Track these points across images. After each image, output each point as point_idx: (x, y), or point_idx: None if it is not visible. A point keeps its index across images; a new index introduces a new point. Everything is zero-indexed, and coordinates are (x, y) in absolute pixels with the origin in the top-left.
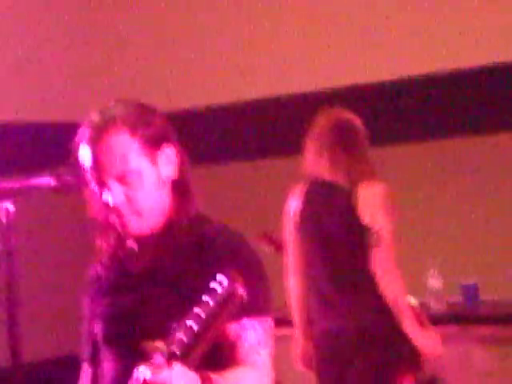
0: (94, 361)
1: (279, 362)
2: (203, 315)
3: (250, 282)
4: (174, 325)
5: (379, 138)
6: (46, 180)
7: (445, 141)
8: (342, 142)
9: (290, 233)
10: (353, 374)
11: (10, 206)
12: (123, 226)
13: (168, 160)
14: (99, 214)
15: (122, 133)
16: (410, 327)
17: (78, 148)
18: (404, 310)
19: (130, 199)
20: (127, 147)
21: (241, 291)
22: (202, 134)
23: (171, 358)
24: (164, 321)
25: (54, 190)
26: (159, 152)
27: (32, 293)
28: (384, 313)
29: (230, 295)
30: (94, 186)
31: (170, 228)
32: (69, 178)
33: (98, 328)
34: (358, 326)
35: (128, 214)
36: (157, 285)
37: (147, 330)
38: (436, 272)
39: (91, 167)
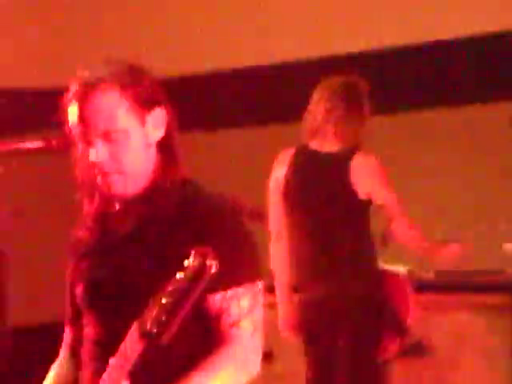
0: (76, 324)
1: (267, 329)
2: (176, 292)
3: (232, 250)
4: (149, 301)
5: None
6: (34, 142)
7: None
8: (341, 99)
9: (275, 198)
10: (338, 340)
11: None
12: (107, 185)
13: (156, 122)
14: (84, 174)
15: (111, 90)
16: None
17: (66, 106)
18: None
19: (114, 157)
20: (115, 105)
21: (212, 267)
22: (193, 101)
23: (146, 336)
24: (143, 285)
25: (42, 151)
26: (148, 113)
27: (19, 256)
28: (371, 282)
29: (200, 271)
30: (80, 144)
31: (153, 190)
32: (56, 139)
33: (79, 290)
34: (345, 294)
35: (112, 172)
36: (137, 248)
37: (126, 293)
38: None
39: (78, 124)
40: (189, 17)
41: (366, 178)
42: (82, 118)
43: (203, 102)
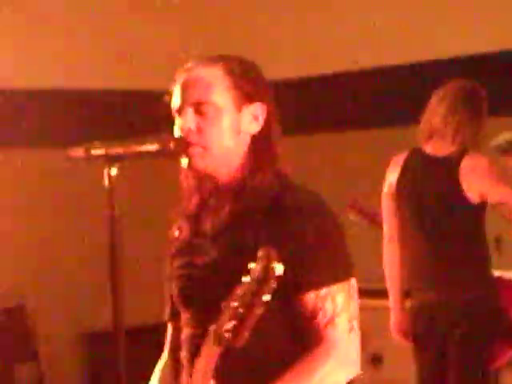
0: (176, 320)
1: (378, 334)
2: (244, 296)
3: (320, 248)
4: (222, 305)
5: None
6: (151, 145)
7: None
8: (462, 102)
9: (387, 202)
10: (450, 347)
11: (113, 170)
12: (189, 156)
13: (254, 115)
14: (186, 175)
15: (216, 68)
16: None
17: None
18: None
19: (200, 130)
20: (216, 79)
21: (275, 269)
22: (297, 105)
23: (221, 341)
24: (232, 285)
25: (158, 155)
26: (247, 103)
27: (135, 258)
28: (485, 288)
29: (264, 274)
30: (176, 117)
31: (243, 186)
32: (172, 143)
33: (174, 290)
34: (457, 300)
35: (195, 144)
36: (225, 248)
37: (215, 293)
38: None
39: (176, 97)
40: (299, 19)
41: (476, 179)
42: (181, 87)
43: (325, 104)
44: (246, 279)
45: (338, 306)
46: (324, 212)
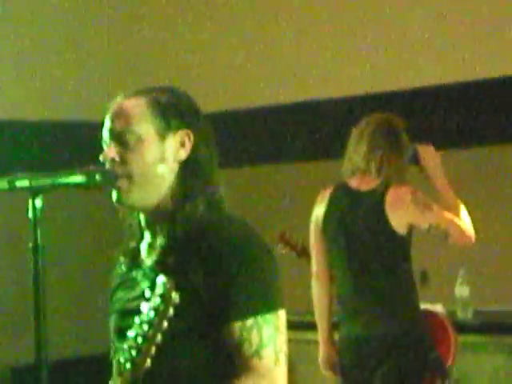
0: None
1: (304, 366)
2: (144, 324)
3: (250, 278)
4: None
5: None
6: (77, 177)
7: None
8: (382, 138)
9: (314, 237)
10: (378, 381)
11: (38, 201)
12: (116, 190)
13: (181, 143)
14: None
15: (140, 99)
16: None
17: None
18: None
19: (123, 159)
20: (138, 109)
21: (173, 297)
22: (231, 136)
23: (122, 373)
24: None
25: (84, 187)
26: (172, 131)
27: (58, 290)
28: (412, 321)
29: (163, 302)
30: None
31: (173, 217)
32: (99, 175)
33: (110, 323)
34: (384, 334)
35: (120, 175)
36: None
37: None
38: (464, 280)
39: (105, 127)
40: (240, 53)
41: (402, 211)
42: (108, 120)
43: (246, 137)
44: (143, 308)
45: (264, 337)
46: (254, 242)
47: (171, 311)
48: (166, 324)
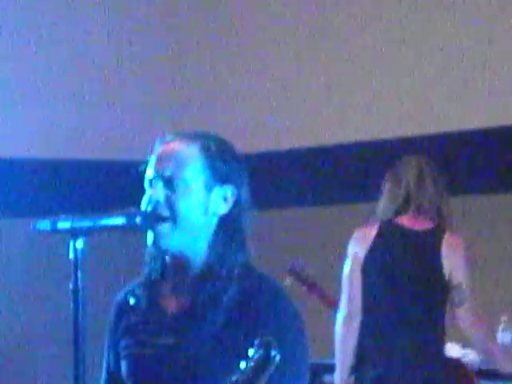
0: None
1: None
2: (241, 383)
3: (292, 344)
4: None
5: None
6: (118, 219)
7: None
8: (442, 180)
9: (353, 276)
10: None
11: (79, 243)
12: (156, 233)
13: (224, 198)
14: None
15: (194, 145)
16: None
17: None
18: (496, 353)
19: (169, 201)
20: (191, 157)
21: (276, 357)
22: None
23: None
24: (199, 370)
25: (125, 229)
26: (218, 184)
27: (99, 332)
28: (440, 369)
29: (265, 362)
30: (147, 189)
31: (210, 271)
32: (140, 218)
33: (123, 366)
34: (412, 378)
35: (163, 217)
36: (194, 332)
37: (172, 377)
38: (507, 327)
39: (151, 166)
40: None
41: (454, 257)
42: (155, 160)
43: (280, 180)
44: (243, 366)
45: None
46: (291, 305)
47: (271, 371)
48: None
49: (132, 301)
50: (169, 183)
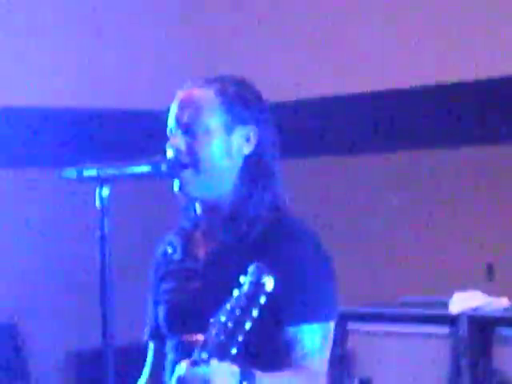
0: (157, 341)
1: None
2: (235, 311)
3: (311, 284)
4: (211, 320)
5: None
6: (143, 167)
7: None
8: None
9: None
10: None
11: (105, 191)
12: (180, 179)
13: (246, 138)
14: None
15: (208, 89)
16: None
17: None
18: None
19: (190, 149)
20: (207, 101)
21: (266, 284)
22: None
23: (210, 355)
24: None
25: (150, 177)
26: (239, 125)
27: (124, 279)
28: None
29: (255, 288)
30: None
31: (237, 213)
32: (164, 165)
33: (161, 312)
34: None
35: (185, 164)
36: (219, 274)
37: (204, 321)
38: None
39: (171, 115)
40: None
41: None
42: (175, 109)
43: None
44: (235, 293)
45: (315, 344)
46: (320, 246)
47: (262, 298)
48: (256, 311)
49: (170, 250)
50: (187, 130)
